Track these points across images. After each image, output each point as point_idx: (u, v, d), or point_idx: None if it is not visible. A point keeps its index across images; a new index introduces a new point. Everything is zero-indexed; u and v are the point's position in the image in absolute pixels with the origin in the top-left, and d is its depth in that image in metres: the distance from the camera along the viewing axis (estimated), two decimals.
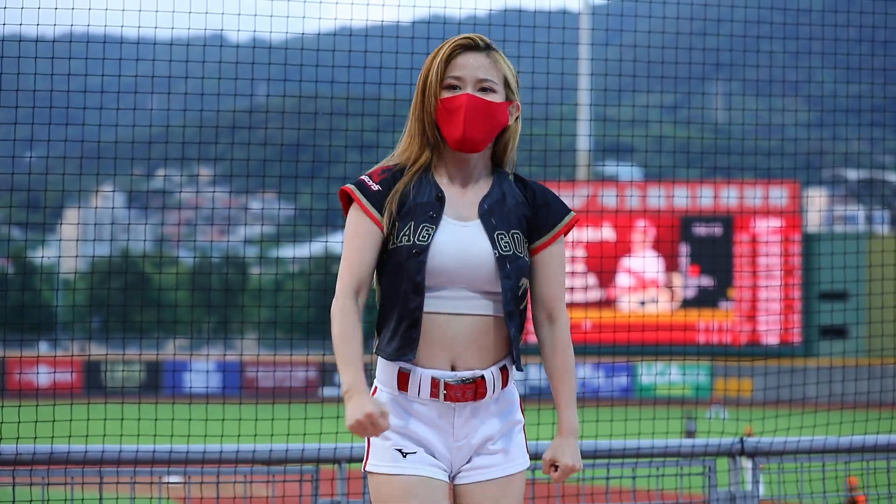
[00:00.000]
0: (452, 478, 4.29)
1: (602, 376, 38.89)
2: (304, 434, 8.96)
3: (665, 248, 48.44)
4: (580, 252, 46.35)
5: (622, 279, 50.07)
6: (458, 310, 4.20)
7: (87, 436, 8.09)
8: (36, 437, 7.84)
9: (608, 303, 47.14)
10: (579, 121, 43.35)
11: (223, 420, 9.51)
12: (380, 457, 4.25)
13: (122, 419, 8.93)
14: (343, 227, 4.32)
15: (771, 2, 13.04)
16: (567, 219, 4.40)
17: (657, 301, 48.80)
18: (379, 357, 4.28)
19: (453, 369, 4.20)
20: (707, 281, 49.53)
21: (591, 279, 47.87)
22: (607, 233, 46.96)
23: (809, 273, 47.96)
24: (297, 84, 11.22)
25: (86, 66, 9.77)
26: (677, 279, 50.18)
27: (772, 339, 48.93)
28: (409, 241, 4.16)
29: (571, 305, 46.30)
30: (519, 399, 4.41)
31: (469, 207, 4.28)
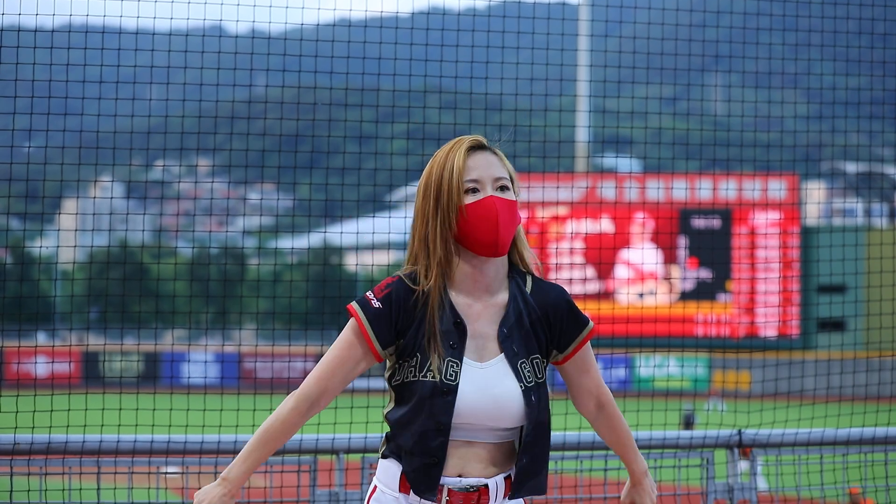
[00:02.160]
0: None
1: (600, 368, 38.87)
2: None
3: (664, 241, 48.44)
4: (579, 244, 46.37)
5: (621, 271, 50.08)
6: (474, 438, 4.15)
7: (85, 426, 8.09)
8: (34, 427, 7.84)
9: (606, 295, 47.15)
10: (578, 112, 43.33)
11: (221, 410, 9.52)
12: None
13: (121, 409, 8.93)
14: (341, 218, 4.30)
15: None
16: (587, 330, 4.32)
17: (655, 293, 48.81)
18: (384, 460, 4.23)
19: (459, 476, 4.15)
20: (705, 273, 49.53)
21: (590, 271, 47.88)
22: (606, 225, 46.95)
23: (808, 266, 48.00)
24: (296, 75, 11.22)
25: (84, 57, 9.76)
26: (676, 271, 50.19)
27: (770, 332, 48.95)
28: (434, 377, 4.08)
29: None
30: None
31: (488, 331, 4.18)
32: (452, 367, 4.09)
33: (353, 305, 4.16)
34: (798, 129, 14.85)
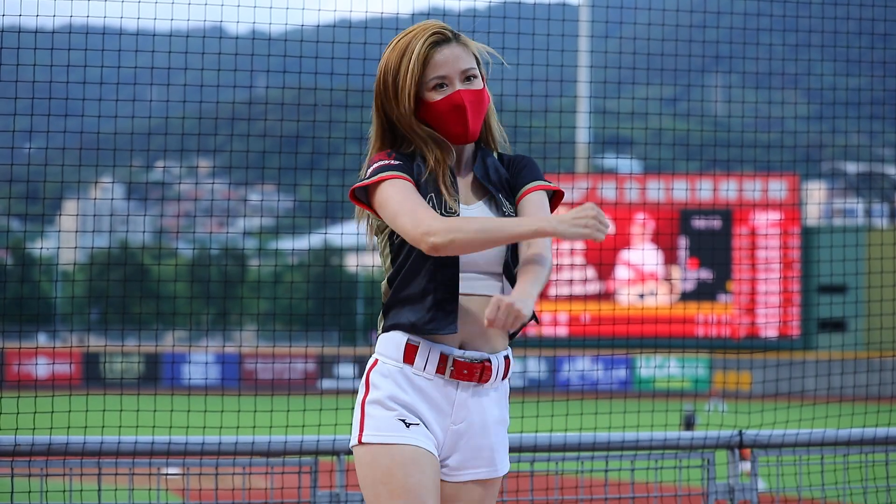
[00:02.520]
0: (442, 461, 4.25)
1: (601, 369, 38.89)
2: (303, 426, 8.96)
3: (664, 241, 48.42)
4: (579, 245, 46.36)
5: (621, 272, 50.07)
6: (470, 290, 4.18)
7: (85, 427, 8.09)
8: (35, 429, 7.85)
9: (607, 296, 47.14)
10: (578, 113, 43.33)
11: (222, 412, 9.51)
12: (381, 427, 4.14)
13: (121, 411, 8.93)
14: (341, 219, 4.32)
15: None
16: (540, 182, 4.33)
17: (656, 294, 48.81)
18: (385, 333, 4.22)
19: (461, 348, 4.17)
20: (706, 274, 49.53)
21: (590, 272, 47.88)
22: None
23: (808, 266, 47.99)
24: (296, 76, 11.21)
25: (85, 58, 9.76)
26: (676, 272, 50.19)
27: (771, 333, 48.94)
28: (438, 211, 4.13)
29: (571, 298, 46.29)
30: (508, 399, 4.40)
31: (465, 189, 4.28)
32: (453, 201, 4.18)
33: (375, 175, 4.18)
34: (798, 129, 14.85)
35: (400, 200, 4.09)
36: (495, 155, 4.40)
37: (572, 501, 8.50)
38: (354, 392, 4.37)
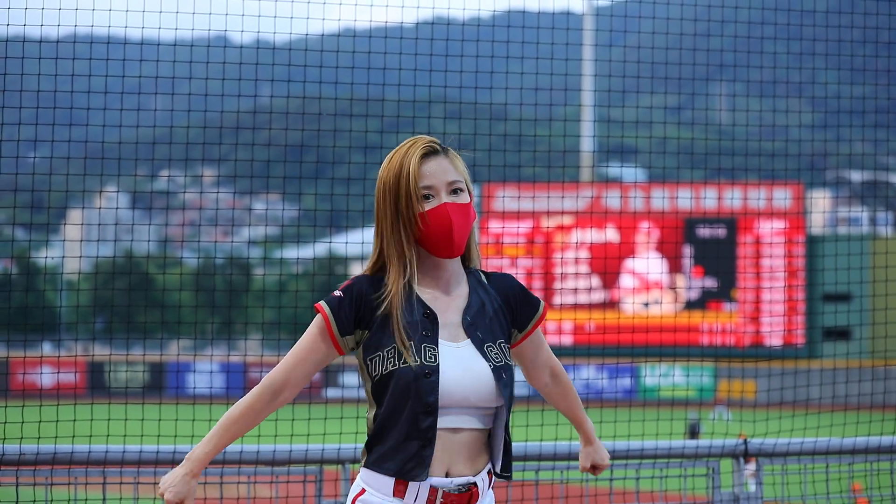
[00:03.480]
0: None
1: (606, 378, 38.89)
2: (308, 435, 8.96)
3: (668, 250, 48.41)
4: (584, 253, 46.34)
5: (626, 281, 50.05)
6: (456, 425, 4.25)
7: (90, 436, 8.10)
8: (39, 438, 7.85)
9: (612, 304, 47.12)
10: (583, 122, 43.34)
11: None
12: None
13: (126, 420, 8.94)
14: (346, 228, 4.35)
15: (775, 3, 13.04)
16: (539, 313, 4.54)
17: (661, 303, 48.78)
18: (369, 470, 4.29)
19: (448, 476, 4.25)
20: (711, 282, 49.50)
21: (595, 281, 47.86)
22: (611, 234, 46.94)
23: (813, 275, 47.93)
24: (300, 85, 11.22)
25: (89, 67, 9.77)
26: (681, 281, 50.17)
27: (775, 341, 48.91)
28: (416, 361, 4.20)
29: (575, 306, 46.27)
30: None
31: (455, 320, 4.33)
32: (430, 350, 4.23)
33: (321, 303, 4.35)
34: (803, 137, 14.85)
35: (302, 343, 4.38)
36: (482, 275, 4.48)
37: None
38: (359, 401, 4.44)
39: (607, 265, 44.93)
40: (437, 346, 4.24)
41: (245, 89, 10.97)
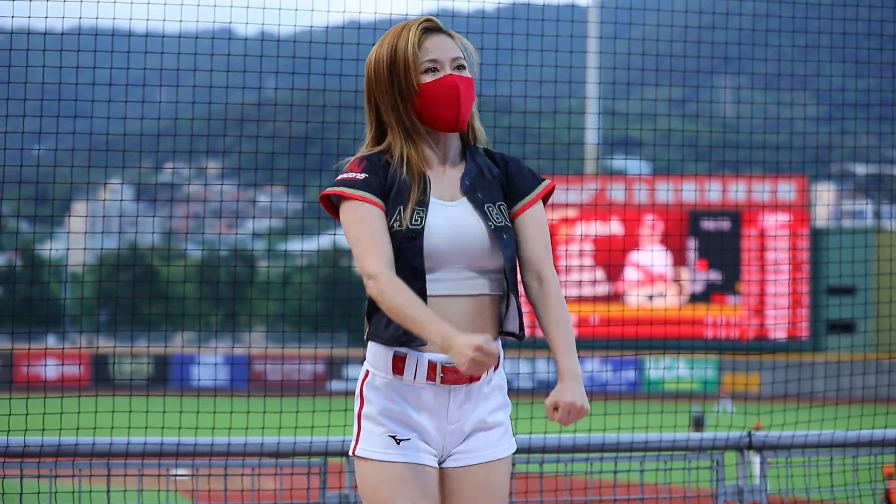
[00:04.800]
0: (441, 461, 4.27)
1: (610, 370, 38.86)
2: (312, 427, 8.96)
3: (673, 243, 48.41)
4: (588, 246, 46.35)
5: (630, 273, 50.06)
6: (455, 291, 4.18)
7: (94, 428, 8.10)
8: (44, 430, 7.86)
9: (616, 297, 47.12)
10: (587, 115, 43.32)
11: (231, 413, 9.52)
12: (372, 442, 4.19)
13: (130, 412, 8.94)
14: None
15: None
16: (543, 185, 4.40)
17: (665, 295, 48.79)
18: (371, 342, 4.25)
19: None
20: (715, 275, 49.50)
21: (599, 273, 47.86)
22: (615, 227, 46.92)
23: (817, 268, 47.94)
24: (305, 77, 11.22)
25: (94, 59, 9.77)
26: (685, 273, 50.17)
27: (780, 334, 48.91)
28: (401, 226, 4.15)
29: (580, 300, 46.27)
30: (506, 383, 4.40)
31: (451, 187, 4.29)
32: (418, 213, 4.18)
33: (337, 189, 4.24)
34: (807, 130, 14.83)
35: (358, 233, 4.17)
36: (482, 150, 4.43)
37: (581, 503, 8.49)
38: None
39: (612, 258, 44.95)
40: (427, 208, 4.19)
41: (250, 81, 10.95)
